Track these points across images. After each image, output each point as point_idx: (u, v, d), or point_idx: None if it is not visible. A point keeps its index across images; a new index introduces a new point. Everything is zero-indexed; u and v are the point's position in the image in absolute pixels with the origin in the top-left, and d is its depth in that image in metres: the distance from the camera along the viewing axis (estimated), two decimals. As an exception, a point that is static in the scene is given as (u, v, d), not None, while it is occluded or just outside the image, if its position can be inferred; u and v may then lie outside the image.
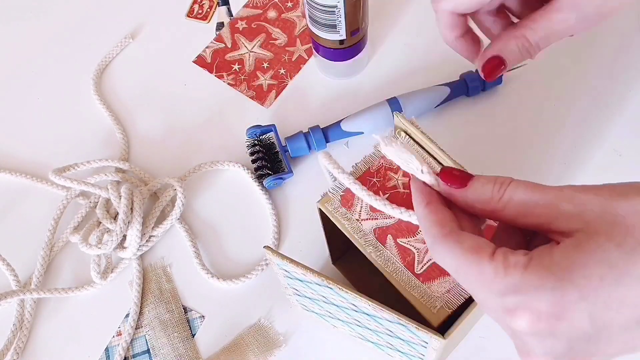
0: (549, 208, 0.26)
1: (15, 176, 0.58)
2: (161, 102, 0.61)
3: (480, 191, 0.28)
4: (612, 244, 0.24)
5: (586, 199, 0.26)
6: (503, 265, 0.25)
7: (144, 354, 0.50)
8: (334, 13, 0.50)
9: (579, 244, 0.24)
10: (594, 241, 0.24)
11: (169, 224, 0.53)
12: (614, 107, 0.56)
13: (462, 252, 0.27)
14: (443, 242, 0.28)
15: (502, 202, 0.28)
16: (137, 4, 0.67)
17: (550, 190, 0.27)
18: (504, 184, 0.28)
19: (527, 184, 0.27)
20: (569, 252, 0.24)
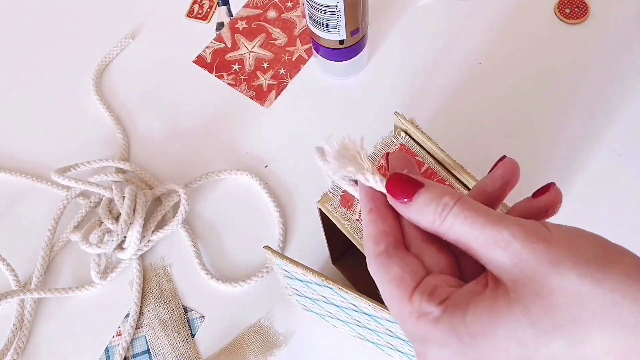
0: (484, 248, 0.24)
1: (15, 176, 0.58)
2: (161, 102, 0.61)
3: (424, 211, 0.26)
4: (527, 321, 0.22)
5: (522, 253, 0.23)
6: (417, 313, 0.24)
7: (144, 354, 0.50)
8: (334, 13, 0.50)
9: (496, 307, 0.23)
10: (510, 310, 0.23)
11: (170, 230, 0.52)
12: (614, 107, 0.56)
13: (386, 280, 0.26)
14: (372, 263, 0.27)
15: (443, 227, 0.25)
16: (137, 4, 0.67)
17: (488, 228, 0.24)
18: (446, 208, 0.25)
19: (468, 214, 0.25)
20: (483, 315, 0.23)
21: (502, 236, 0.24)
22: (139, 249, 0.52)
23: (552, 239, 0.23)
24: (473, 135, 0.56)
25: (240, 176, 0.56)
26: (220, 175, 0.56)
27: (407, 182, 0.27)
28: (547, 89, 0.57)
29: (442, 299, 0.24)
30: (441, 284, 0.25)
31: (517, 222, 0.24)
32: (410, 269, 0.26)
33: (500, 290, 0.24)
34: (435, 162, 0.39)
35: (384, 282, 0.26)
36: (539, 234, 0.23)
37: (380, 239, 0.27)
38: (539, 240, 0.23)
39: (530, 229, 0.24)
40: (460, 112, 0.57)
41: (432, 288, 0.25)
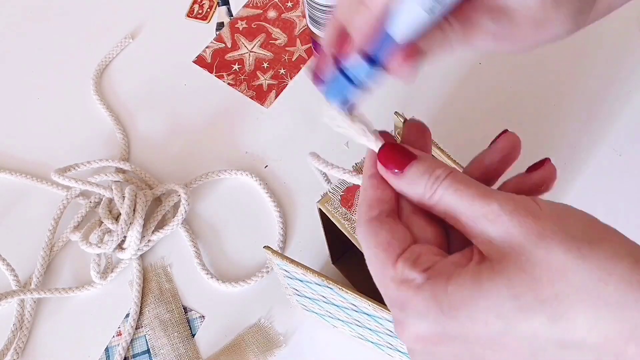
0: (472, 221, 0.24)
1: (15, 176, 0.58)
2: (161, 102, 0.61)
3: (415, 183, 0.26)
4: (509, 293, 0.22)
5: (509, 226, 0.23)
6: (399, 279, 0.24)
7: (144, 354, 0.50)
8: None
9: (479, 278, 0.23)
10: (493, 282, 0.22)
11: (170, 230, 0.52)
12: (614, 107, 0.56)
13: (373, 244, 0.26)
14: (362, 226, 0.27)
15: (432, 201, 0.25)
16: (137, 4, 0.67)
17: (478, 201, 0.24)
18: (437, 180, 0.25)
19: (459, 187, 0.25)
20: (465, 285, 0.23)
21: (491, 209, 0.23)
22: (139, 249, 0.52)
23: (541, 214, 0.23)
24: (473, 135, 0.56)
25: (240, 176, 0.56)
26: (220, 175, 0.56)
27: (400, 152, 0.27)
28: (547, 89, 0.57)
29: (426, 267, 0.24)
30: (427, 252, 0.25)
31: (507, 196, 0.24)
32: (398, 236, 0.26)
33: (485, 263, 0.23)
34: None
35: (370, 246, 0.26)
36: (528, 209, 0.23)
37: (375, 204, 0.27)
38: (528, 214, 0.23)
39: (520, 203, 0.24)
40: (460, 112, 0.57)
41: (417, 255, 0.25)
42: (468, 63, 0.60)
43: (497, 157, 0.29)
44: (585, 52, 0.59)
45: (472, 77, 0.59)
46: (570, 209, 0.24)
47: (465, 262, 0.24)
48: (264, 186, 0.55)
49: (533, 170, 0.28)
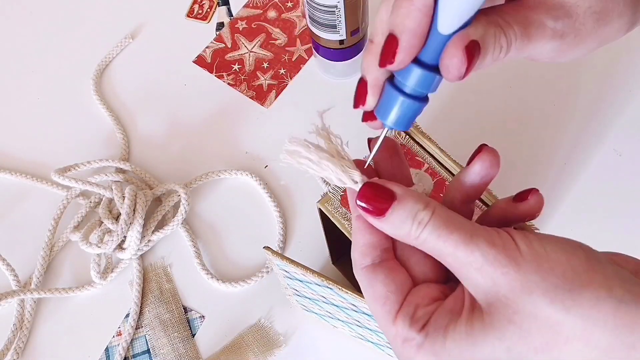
0: (459, 267, 0.24)
1: (15, 176, 0.58)
2: (161, 102, 0.61)
3: (398, 228, 0.25)
4: (502, 346, 0.23)
5: (493, 277, 0.23)
6: (401, 337, 0.25)
7: (144, 354, 0.50)
8: (334, 13, 0.50)
9: (472, 333, 0.24)
10: (485, 336, 0.23)
11: (170, 230, 0.52)
12: (614, 107, 0.56)
13: (372, 298, 0.26)
14: (358, 274, 0.27)
15: (418, 242, 0.25)
16: (137, 4, 0.67)
17: (461, 249, 0.24)
18: (420, 224, 0.25)
19: (441, 232, 0.24)
20: (461, 340, 0.24)
21: (475, 258, 0.24)
22: (139, 249, 0.52)
23: (522, 262, 0.23)
24: (473, 135, 0.56)
25: (240, 176, 0.56)
26: (220, 175, 0.56)
27: (379, 194, 0.25)
28: (547, 88, 0.57)
29: (423, 323, 0.25)
30: (422, 301, 0.26)
31: (488, 240, 0.24)
32: (394, 287, 0.26)
33: (475, 313, 0.24)
34: (435, 162, 0.39)
35: (369, 298, 0.27)
36: (508, 255, 0.23)
37: (367, 251, 0.27)
38: (509, 263, 0.23)
39: (501, 249, 0.24)
40: (460, 112, 0.57)
41: (413, 309, 0.26)
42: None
43: (476, 179, 0.29)
44: (585, 52, 0.59)
45: (472, 77, 0.58)
46: (549, 250, 0.24)
47: (459, 307, 0.25)
48: (264, 186, 0.55)
49: (520, 200, 0.28)
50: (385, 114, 0.26)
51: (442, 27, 0.23)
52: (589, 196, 0.52)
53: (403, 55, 0.24)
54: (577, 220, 0.51)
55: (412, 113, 0.25)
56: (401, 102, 0.25)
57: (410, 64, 0.25)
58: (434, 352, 0.24)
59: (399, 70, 0.25)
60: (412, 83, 0.25)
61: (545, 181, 0.53)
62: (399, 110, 0.25)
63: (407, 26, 0.24)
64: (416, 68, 0.24)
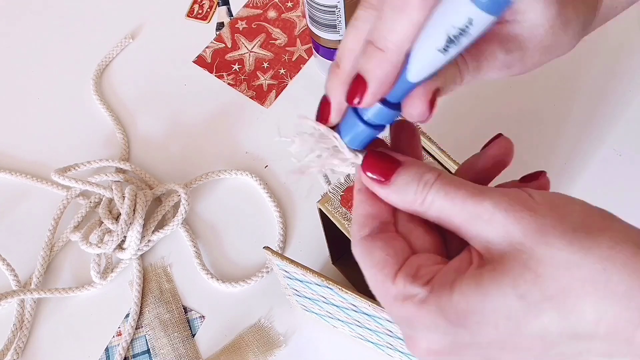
0: (467, 223, 0.24)
1: (16, 176, 0.58)
2: (161, 102, 0.61)
3: (403, 192, 0.25)
4: (515, 294, 0.22)
5: (506, 224, 0.23)
6: (402, 296, 0.24)
7: (144, 354, 0.50)
8: (334, 13, 0.50)
9: (482, 283, 0.22)
10: (498, 285, 0.22)
11: (170, 230, 0.52)
12: (614, 107, 0.56)
13: (370, 264, 0.25)
14: (357, 247, 0.26)
15: (424, 206, 0.25)
16: (137, 4, 0.67)
17: (470, 202, 0.23)
18: (426, 185, 0.24)
19: (449, 190, 0.24)
20: (469, 291, 0.22)
21: (485, 208, 0.23)
22: (139, 249, 0.52)
23: (537, 207, 0.23)
24: (473, 135, 0.56)
25: (240, 176, 0.56)
26: (220, 175, 0.56)
27: (384, 160, 0.26)
28: (547, 88, 0.57)
29: (427, 279, 0.24)
30: (425, 262, 0.25)
31: (499, 192, 0.24)
32: (393, 251, 0.25)
33: (486, 265, 0.23)
34: (435, 162, 0.39)
35: (367, 267, 0.26)
36: (523, 203, 0.23)
37: (366, 222, 0.26)
38: (524, 209, 0.23)
39: (513, 198, 0.23)
40: (460, 112, 0.57)
41: (415, 268, 0.25)
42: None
43: (489, 163, 0.29)
44: (586, 52, 0.59)
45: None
46: (564, 198, 0.24)
47: (465, 266, 0.24)
48: (264, 186, 0.55)
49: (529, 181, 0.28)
50: (344, 134, 0.27)
51: (412, 77, 0.24)
52: (589, 196, 0.52)
53: (370, 98, 0.25)
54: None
55: (367, 138, 0.27)
56: (360, 129, 0.26)
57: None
58: (439, 306, 0.23)
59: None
60: (374, 115, 0.26)
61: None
62: (356, 135, 0.27)
63: (377, 75, 0.24)
64: (380, 105, 0.26)
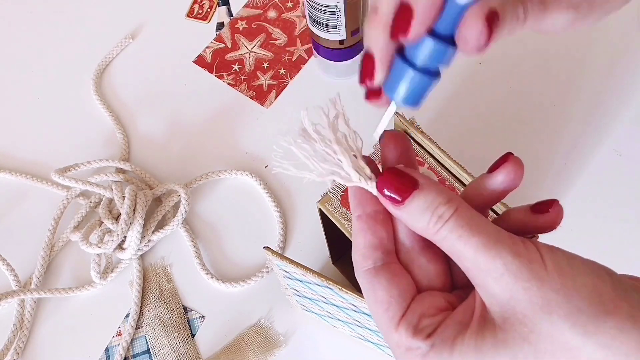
0: (477, 274, 0.23)
1: (16, 176, 0.58)
2: (161, 102, 0.61)
3: (417, 218, 0.24)
4: None
5: (512, 290, 0.22)
6: (404, 347, 0.24)
7: (144, 354, 0.50)
8: (334, 13, 0.50)
9: (482, 348, 0.22)
10: (497, 353, 0.22)
11: (170, 230, 0.52)
12: (614, 107, 0.56)
13: (373, 301, 0.25)
14: (360, 277, 0.26)
15: (436, 237, 0.24)
16: (137, 4, 0.67)
17: (482, 255, 0.22)
18: (440, 219, 0.23)
19: (463, 233, 0.23)
20: (469, 354, 0.22)
21: (495, 266, 0.22)
22: (139, 249, 0.52)
23: (547, 278, 0.22)
24: (473, 135, 0.56)
25: (240, 176, 0.56)
26: (220, 175, 0.56)
27: (400, 182, 0.24)
28: (547, 89, 0.57)
29: (429, 332, 0.24)
30: (427, 311, 0.25)
31: (513, 249, 0.23)
32: (397, 293, 0.25)
33: (487, 327, 0.23)
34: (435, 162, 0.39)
35: (370, 302, 0.25)
36: (533, 269, 0.22)
37: (368, 253, 0.26)
38: (532, 278, 0.22)
39: (525, 261, 0.22)
40: (460, 112, 0.57)
41: (418, 318, 0.24)
42: (468, 63, 0.60)
43: (499, 187, 0.27)
44: (586, 52, 0.59)
45: (472, 77, 0.59)
46: (576, 270, 0.22)
47: (468, 317, 0.24)
48: (264, 186, 0.55)
49: (541, 212, 0.27)
50: (394, 89, 0.24)
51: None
52: (589, 196, 0.52)
53: (418, 26, 0.22)
54: (577, 220, 0.51)
55: (423, 89, 0.24)
56: (413, 77, 0.23)
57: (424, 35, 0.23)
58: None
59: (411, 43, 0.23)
60: (425, 56, 0.23)
61: (545, 181, 0.53)
62: (410, 86, 0.23)
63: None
64: (430, 40, 0.22)
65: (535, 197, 0.29)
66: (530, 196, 0.54)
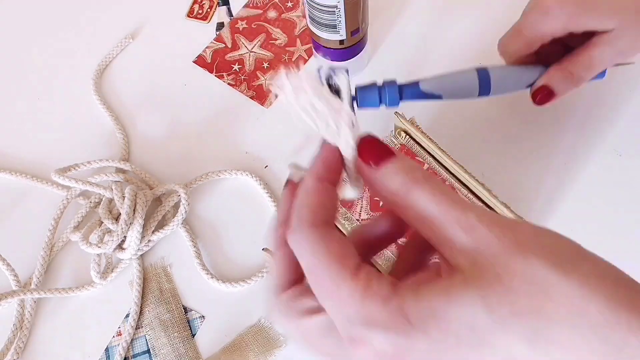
0: (444, 228, 0.23)
1: (16, 176, 0.58)
2: (161, 102, 0.61)
3: (390, 179, 0.24)
4: (483, 304, 0.20)
5: (486, 236, 0.22)
6: (363, 291, 0.22)
7: (144, 354, 0.50)
8: (334, 13, 0.50)
9: (450, 289, 0.21)
10: (467, 293, 0.21)
11: (170, 230, 0.52)
12: (614, 107, 0.56)
13: (325, 254, 0.23)
14: (308, 232, 0.24)
15: (407, 200, 0.24)
16: (137, 4, 0.67)
17: (454, 209, 0.23)
18: (415, 181, 0.24)
19: (437, 192, 0.23)
20: (435, 295, 0.21)
21: (467, 218, 0.22)
22: (139, 249, 0.52)
23: (520, 229, 0.22)
24: (473, 135, 0.56)
25: (240, 176, 0.56)
26: (220, 175, 0.56)
27: (382, 147, 0.25)
28: (547, 89, 0.57)
29: (391, 280, 0.23)
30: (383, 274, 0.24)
31: (484, 209, 0.23)
32: (352, 250, 0.24)
33: (456, 275, 0.22)
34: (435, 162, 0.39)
35: (318, 256, 0.23)
36: (505, 221, 0.22)
37: (320, 211, 0.25)
38: (506, 226, 0.22)
39: (496, 216, 0.23)
40: (460, 112, 0.57)
41: (377, 272, 0.23)
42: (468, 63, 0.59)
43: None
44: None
45: (472, 77, 0.58)
46: (550, 231, 0.23)
47: (432, 277, 0.23)
48: (264, 186, 0.55)
49: None
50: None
51: None
52: (589, 196, 0.52)
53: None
54: (577, 220, 0.51)
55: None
56: None
57: None
58: (401, 306, 0.21)
59: None
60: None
61: (545, 181, 0.53)
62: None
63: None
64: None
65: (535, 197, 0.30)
66: (530, 196, 0.54)
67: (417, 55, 0.60)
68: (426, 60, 0.60)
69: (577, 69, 0.42)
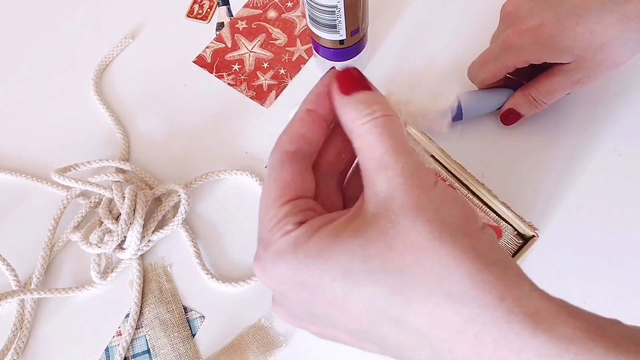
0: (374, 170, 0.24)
1: (15, 176, 0.58)
2: (161, 102, 0.61)
3: (353, 107, 0.26)
4: (361, 254, 0.22)
5: (397, 189, 0.23)
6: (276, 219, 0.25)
7: (144, 354, 0.50)
8: (334, 13, 0.50)
9: (340, 235, 0.23)
10: (351, 241, 0.23)
11: (170, 230, 0.52)
12: (614, 107, 0.56)
13: (274, 177, 0.27)
14: (275, 155, 0.27)
15: (359, 129, 0.25)
16: (137, 4, 0.67)
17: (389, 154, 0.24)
18: (372, 115, 0.25)
19: (384, 132, 0.24)
20: (326, 238, 0.23)
21: (394, 166, 0.24)
22: (139, 249, 0.52)
23: (430, 192, 0.23)
24: (473, 135, 0.56)
25: (240, 176, 0.56)
26: (220, 175, 0.56)
27: (360, 79, 0.27)
28: (547, 89, 0.57)
29: (306, 218, 0.25)
30: (315, 208, 0.26)
31: (416, 163, 0.24)
32: (301, 183, 0.26)
33: (354, 220, 0.24)
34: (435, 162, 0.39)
35: (270, 177, 0.27)
36: (423, 182, 0.23)
37: (296, 140, 0.27)
38: (420, 186, 0.23)
39: (422, 174, 0.24)
40: (460, 112, 0.57)
41: (305, 207, 0.25)
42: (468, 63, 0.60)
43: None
44: (585, 52, 0.59)
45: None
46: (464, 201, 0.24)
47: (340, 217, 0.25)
48: (264, 186, 0.55)
49: None
50: None
51: None
52: (589, 196, 0.52)
53: None
54: (577, 220, 0.51)
55: None
56: None
57: None
58: (296, 241, 0.24)
59: None
60: None
61: (545, 181, 0.53)
62: None
63: None
64: None
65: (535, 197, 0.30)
66: (530, 196, 0.54)
67: (417, 55, 0.60)
68: (426, 60, 0.60)
69: (539, 95, 0.48)
